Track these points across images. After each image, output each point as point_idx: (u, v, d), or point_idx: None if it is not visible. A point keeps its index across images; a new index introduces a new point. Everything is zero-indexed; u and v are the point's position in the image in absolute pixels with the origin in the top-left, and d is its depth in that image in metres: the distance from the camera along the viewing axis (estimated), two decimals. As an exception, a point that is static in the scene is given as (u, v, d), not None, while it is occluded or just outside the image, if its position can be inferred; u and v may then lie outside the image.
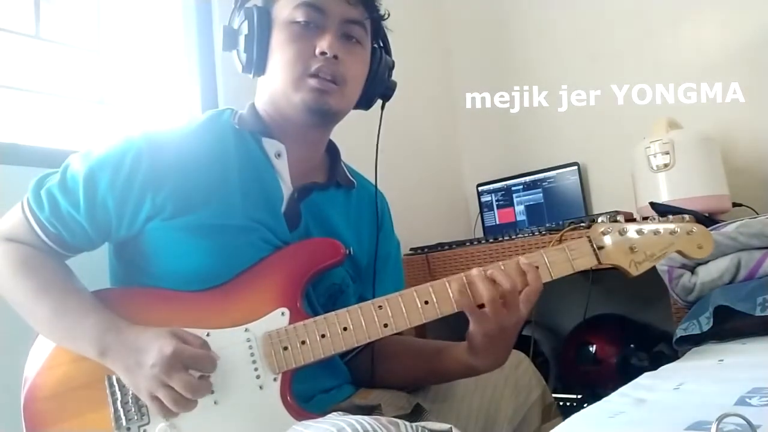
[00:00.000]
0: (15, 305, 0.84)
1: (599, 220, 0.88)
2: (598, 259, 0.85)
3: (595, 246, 0.85)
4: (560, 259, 0.85)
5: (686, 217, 0.89)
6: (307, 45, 0.88)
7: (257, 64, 0.92)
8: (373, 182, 1.06)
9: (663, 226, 0.87)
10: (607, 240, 0.85)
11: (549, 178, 2.09)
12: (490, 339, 0.83)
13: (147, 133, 0.88)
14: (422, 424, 0.68)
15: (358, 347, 0.88)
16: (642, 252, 0.85)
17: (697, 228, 0.87)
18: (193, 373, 0.75)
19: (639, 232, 0.86)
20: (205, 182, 0.86)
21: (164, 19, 1.67)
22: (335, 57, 0.88)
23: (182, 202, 0.84)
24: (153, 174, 0.84)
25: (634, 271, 0.85)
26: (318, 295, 0.93)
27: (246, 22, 0.91)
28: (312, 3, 0.89)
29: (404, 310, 0.82)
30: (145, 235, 0.85)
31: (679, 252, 0.87)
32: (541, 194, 2.10)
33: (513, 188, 2.17)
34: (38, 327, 0.84)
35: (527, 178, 2.14)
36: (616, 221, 0.87)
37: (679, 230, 0.86)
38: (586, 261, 0.85)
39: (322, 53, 0.87)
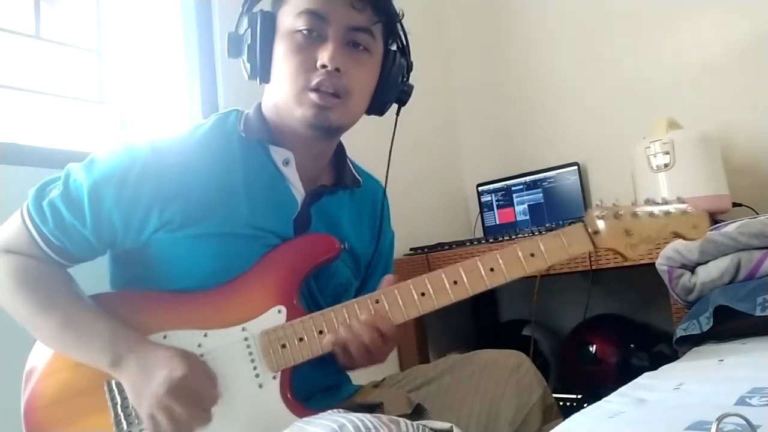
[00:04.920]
0: (19, 318, 0.83)
1: (594, 204, 0.87)
2: (593, 244, 0.84)
3: (590, 231, 0.84)
4: (555, 245, 0.84)
5: (681, 198, 0.89)
6: (308, 57, 0.85)
7: (261, 72, 0.89)
8: (376, 177, 1.06)
9: (658, 208, 0.86)
10: (602, 224, 0.84)
11: (549, 178, 2.09)
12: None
13: (152, 143, 0.85)
14: (423, 423, 0.68)
15: None
16: (638, 234, 0.84)
17: (691, 208, 0.87)
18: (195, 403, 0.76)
19: (634, 215, 0.85)
20: (211, 193, 0.85)
21: (164, 19, 1.67)
22: (337, 69, 0.84)
23: (189, 214, 0.83)
24: (160, 189, 0.83)
25: (630, 254, 0.84)
26: (325, 297, 0.93)
27: (249, 30, 0.89)
28: (314, 11, 0.85)
29: (401, 303, 0.82)
30: (149, 245, 0.85)
31: (675, 233, 0.86)
32: (541, 194, 2.10)
33: (513, 188, 2.17)
34: (45, 339, 0.83)
35: (527, 178, 2.14)
36: (612, 205, 0.86)
37: (673, 211, 0.86)
38: (581, 246, 0.84)
39: (323, 66, 0.84)
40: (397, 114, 1.00)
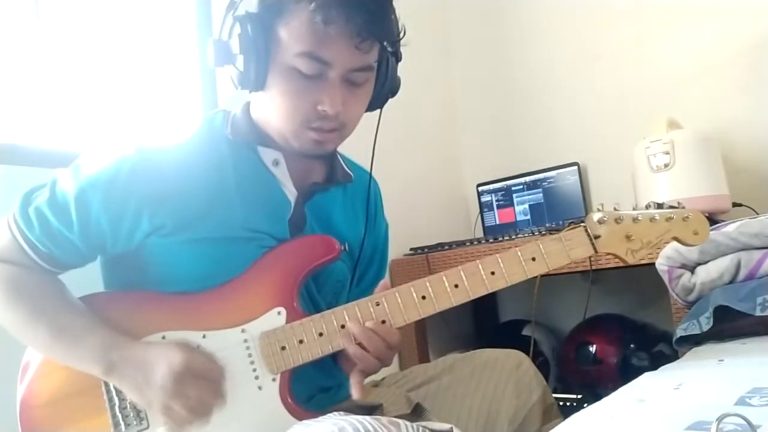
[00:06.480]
0: (9, 329, 0.82)
1: (595, 209, 0.88)
2: (594, 249, 0.84)
3: (591, 235, 0.85)
4: (556, 249, 0.84)
5: (681, 203, 0.89)
6: (308, 100, 0.83)
7: (257, 85, 0.84)
8: (367, 171, 1.03)
9: (659, 213, 0.86)
10: (604, 229, 0.85)
11: (549, 178, 2.09)
12: None
13: (140, 149, 0.84)
14: (423, 423, 0.68)
15: None
16: (638, 240, 0.85)
17: (692, 214, 0.87)
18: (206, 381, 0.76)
19: (635, 219, 0.85)
20: (203, 198, 0.84)
21: (163, 17, 1.67)
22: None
23: (181, 220, 0.82)
24: (149, 194, 0.82)
25: (631, 259, 0.85)
26: (324, 295, 0.93)
27: (241, 41, 0.81)
28: (318, 56, 0.80)
29: (402, 306, 0.82)
30: (142, 249, 0.84)
31: (676, 238, 0.87)
32: (541, 194, 2.10)
33: (513, 188, 2.17)
34: (37, 348, 0.83)
35: (527, 178, 2.14)
36: (612, 210, 0.87)
37: (674, 217, 0.86)
38: (582, 251, 0.84)
39: (323, 110, 0.82)
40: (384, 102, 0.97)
